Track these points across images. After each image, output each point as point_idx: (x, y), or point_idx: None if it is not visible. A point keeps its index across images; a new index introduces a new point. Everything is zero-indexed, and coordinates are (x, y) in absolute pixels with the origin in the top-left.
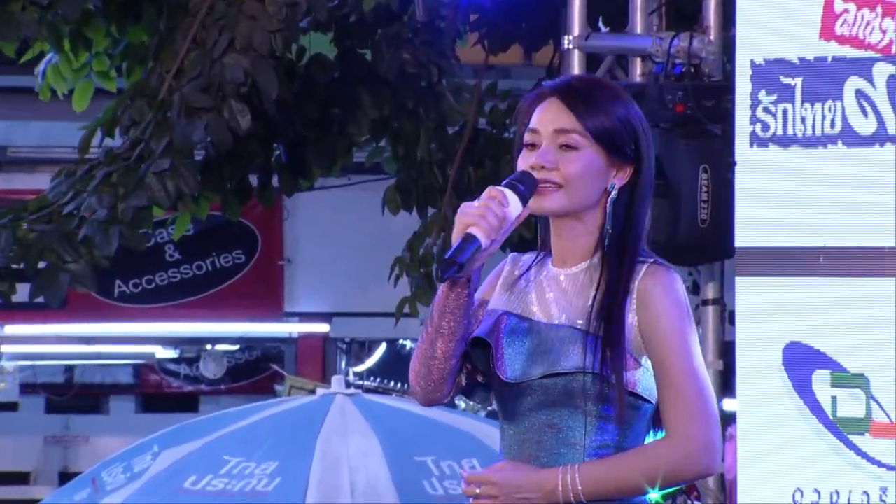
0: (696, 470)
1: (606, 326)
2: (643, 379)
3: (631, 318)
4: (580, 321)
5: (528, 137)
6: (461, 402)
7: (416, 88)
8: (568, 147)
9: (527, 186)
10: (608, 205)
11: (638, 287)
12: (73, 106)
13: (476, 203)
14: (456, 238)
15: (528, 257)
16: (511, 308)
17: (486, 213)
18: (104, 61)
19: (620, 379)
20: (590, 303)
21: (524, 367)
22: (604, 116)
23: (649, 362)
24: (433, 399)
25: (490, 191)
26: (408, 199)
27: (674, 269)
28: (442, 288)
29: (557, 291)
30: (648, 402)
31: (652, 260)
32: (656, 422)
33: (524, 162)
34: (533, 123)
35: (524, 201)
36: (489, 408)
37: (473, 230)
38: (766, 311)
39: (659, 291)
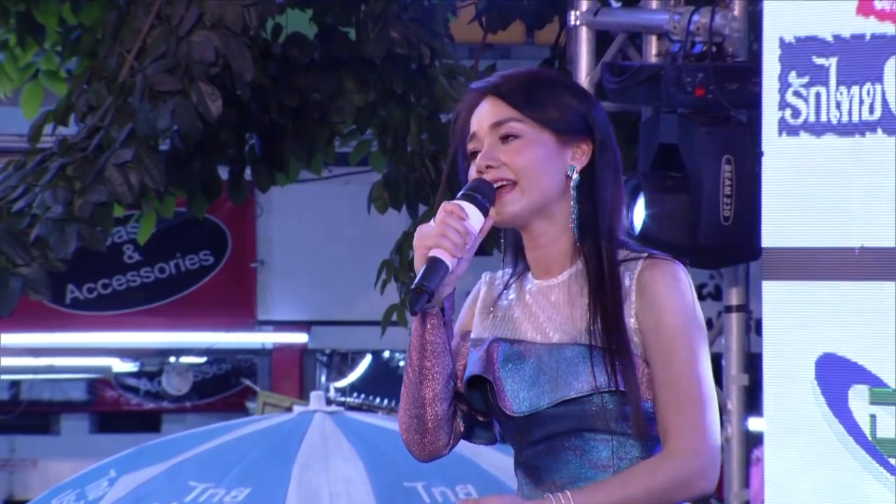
0: (701, 488)
1: (610, 337)
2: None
3: (632, 321)
4: (581, 336)
5: (470, 146)
6: None
7: (406, 71)
8: (508, 138)
9: (483, 193)
10: (572, 191)
11: (636, 284)
12: (24, 114)
13: (432, 223)
14: (419, 265)
15: (503, 274)
16: (499, 333)
17: (447, 231)
18: (53, 59)
19: (637, 393)
20: (585, 314)
21: (531, 398)
22: (540, 94)
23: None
24: (432, 451)
25: (445, 206)
26: (396, 196)
27: (675, 261)
28: (414, 325)
29: (547, 307)
30: None
31: (646, 253)
32: None
33: (473, 167)
34: (471, 127)
35: (485, 211)
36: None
37: (436, 252)
38: (796, 320)
39: (661, 285)
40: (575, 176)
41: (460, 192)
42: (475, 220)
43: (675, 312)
